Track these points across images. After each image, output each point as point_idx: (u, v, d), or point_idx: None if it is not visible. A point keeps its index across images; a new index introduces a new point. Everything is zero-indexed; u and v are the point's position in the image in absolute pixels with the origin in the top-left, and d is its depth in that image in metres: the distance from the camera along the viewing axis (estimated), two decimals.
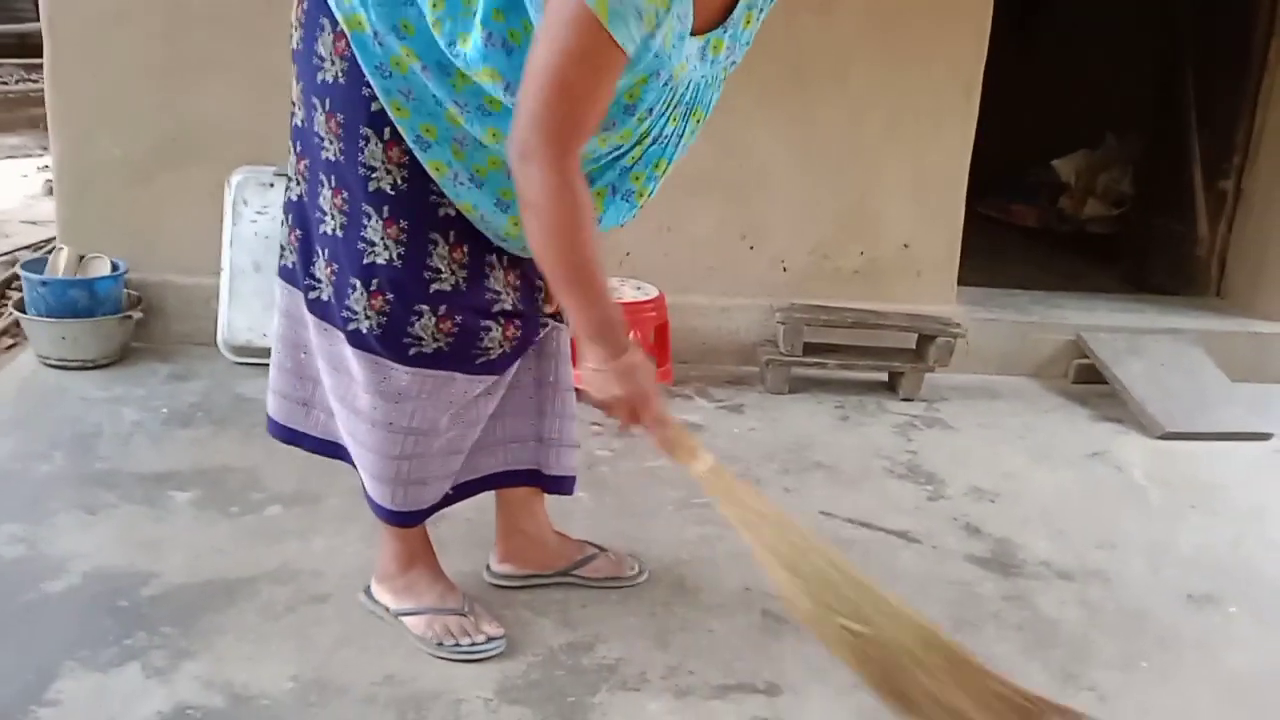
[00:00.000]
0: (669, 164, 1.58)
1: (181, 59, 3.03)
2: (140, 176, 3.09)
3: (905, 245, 3.38)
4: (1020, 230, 5.10)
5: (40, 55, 3.10)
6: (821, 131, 3.27)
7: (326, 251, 1.61)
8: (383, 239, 1.54)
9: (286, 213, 1.69)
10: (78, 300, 2.83)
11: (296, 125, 1.61)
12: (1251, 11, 3.69)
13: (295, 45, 1.58)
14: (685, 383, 3.16)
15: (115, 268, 2.97)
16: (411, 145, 1.49)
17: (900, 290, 3.39)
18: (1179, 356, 3.36)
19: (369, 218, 1.54)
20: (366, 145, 1.50)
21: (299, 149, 1.62)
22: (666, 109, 1.48)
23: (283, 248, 1.71)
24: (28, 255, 4.25)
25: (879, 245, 3.38)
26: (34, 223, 5.05)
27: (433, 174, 1.51)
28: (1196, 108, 3.94)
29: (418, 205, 1.53)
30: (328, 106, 1.53)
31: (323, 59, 1.52)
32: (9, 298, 3.76)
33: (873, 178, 3.33)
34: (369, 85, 1.48)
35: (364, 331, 1.59)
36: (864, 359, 3.21)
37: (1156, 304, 3.77)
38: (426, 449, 1.68)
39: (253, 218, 2.97)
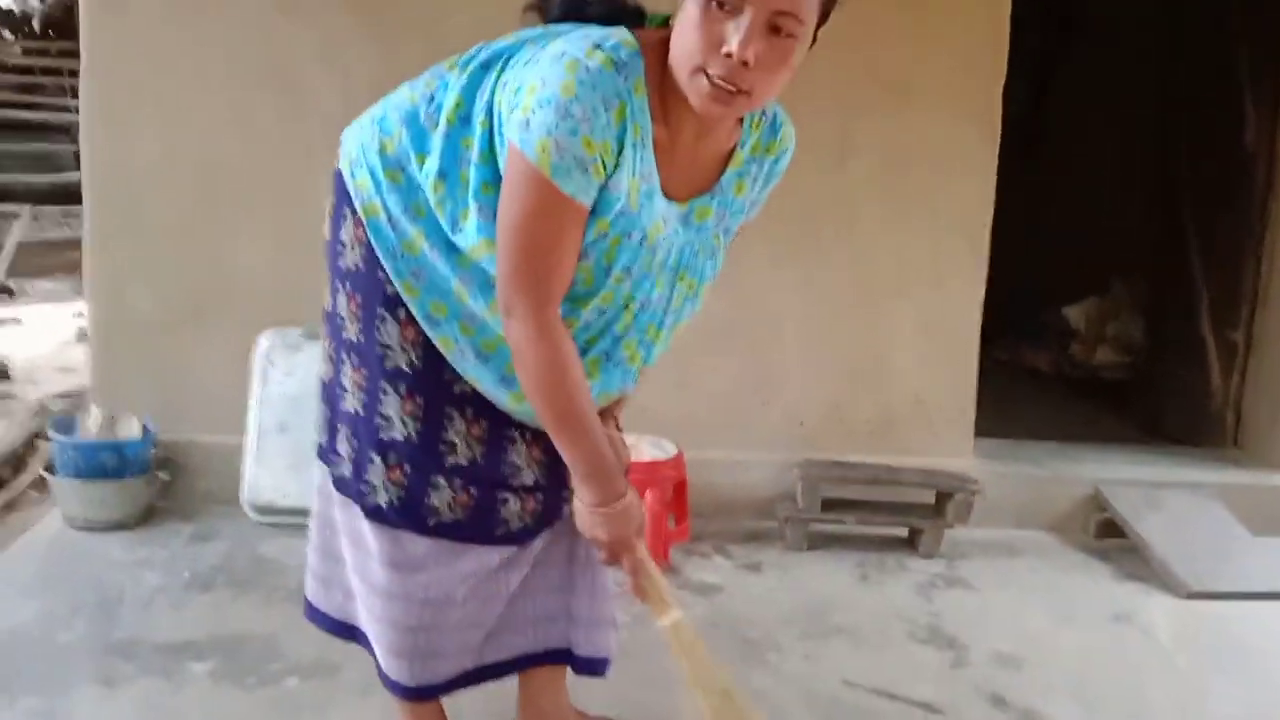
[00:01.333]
0: (660, 330, 1.62)
1: (217, 218, 3.16)
2: (172, 334, 3.18)
3: (918, 399, 3.42)
4: (1032, 374, 5.15)
5: (78, 202, 3.24)
6: (833, 285, 3.35)
7: (347, 428, 1.66)
8: (400, 415, 1.59)
9: (319, 392, 1.75)
10: (106, 462, 2.89)
11: (324, 309, 1.69)
12: (1249, 163, 3.80)
13: (326, 236, 1.66)
14: (703, 539, 3.16)
15: (144, 428, 3.03)
16: (422, 323, 1.55)
17: (916, 443, 3.42)
18: (1200, 511, 3.34)
19: (386, 394, 1.59)
20: (383, 325, 1.57)
21: (327, 330, 1.69)
22: (648, 270, 1.53)
23: (317, 427, 1.76)
24: (57, 404, 4.35)
25: (893, 398, 3.42)
26: (66, 369, 5.18)
27: (442, 350, 1.57)
28: (1200, 257, 4.03)
29: (433, 382, 1.59)
30: (349, 289, 1.60)
31: (345, 245, 1.60)
32: (37, 447, 3.83)
33: (885, 331, 3.39)
34: (384, 269, 1.55)
35: (382, 505, 1.62)
36: (882, 515, 3.21)
37: (1174, 455, 3.78)
38: (442, 621, 1.68)
39: (280, 379, 3.04)
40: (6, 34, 9.15)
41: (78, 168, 3.31)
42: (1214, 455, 3.81)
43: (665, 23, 1.47)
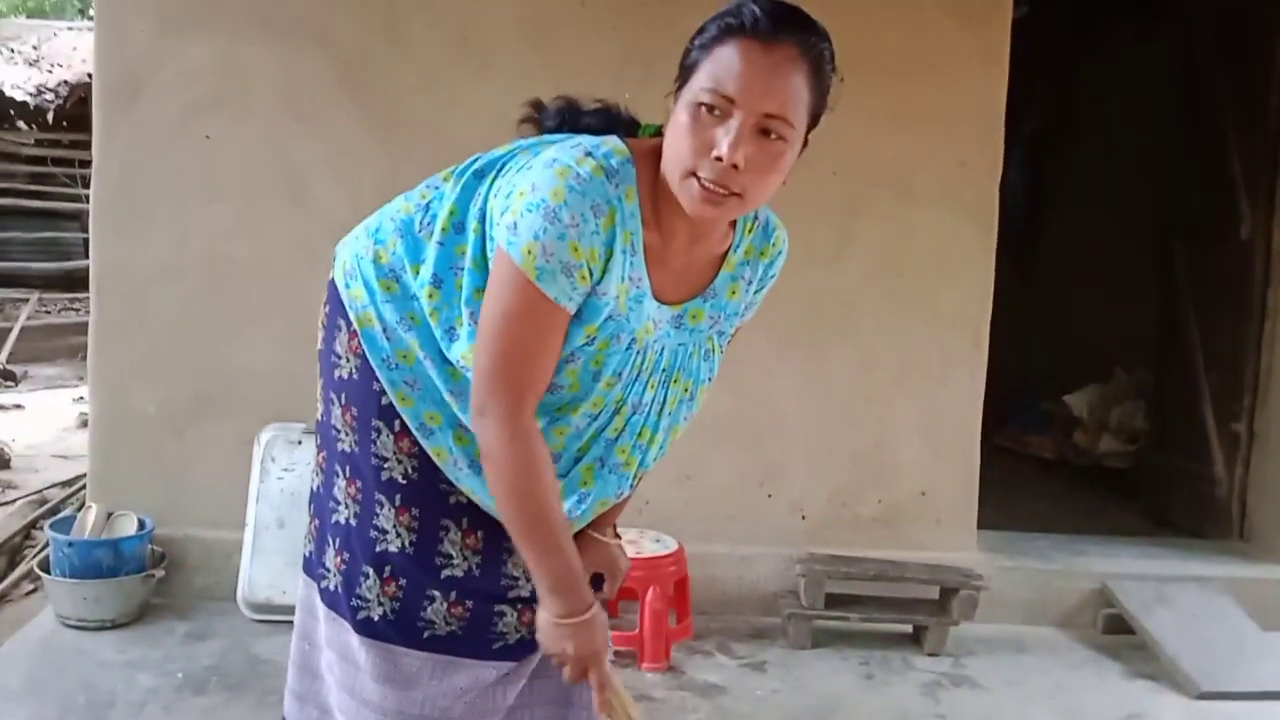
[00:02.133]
0: (654, 433, 1.59)
1: (220, 318, 3.18)
2: (172, 430, 3.18)
3: (922, 493, 3.40)
4: (1036, 461, 5.12)
5: (84, 289, 3.26)
6: (835, 379, 3.36)
7: (338, 541, 1.64)
8: (395, 526, 1.57)
9: (310, 503, 1.73)
10: (102, 560, 2.86)
11: (318, 420, 1.68)
12: (1247, 255, 3.83)
13: (319, 346, 1.67)
14: (705, 636, 3.11)
15: (141, 524, 3.01)
16: (416, 432, 1.54)
17: (919, 537, 3.39)
18: (1208, 606, 3.30)
19: (381, 506, 1.57)
20: (379, 437, 1.56)
21: (319, 442, 1.68)
22: (638, 374, 1.51)
23: (305, 538, 1.74)
24: (56, 493, 4.33)
25: (896, 492, 3.40)
26: (64, 457, 5.17)
27: (436, 460, 1.55)
28: (1202, 348, 4.04)
29: (429, 494, 1.57)
30: (343, 401, 1.60)
31: (339, 356, 1.60)
32: (34, 539, 3.80)
33: (887, 424, 3.39)
34: (379, 380, 1.55)
35: (375, 619, 1.59)
36: (887, 611, 3.16)
37: (1180, 548, 3.74)
38: None
39: (279, 474, 3.03)
40: (21, 125, 9.33)
41: (85, 255, 3.36)
42: (1220, 547, 3.77)
43: (658, 132, 1.49)
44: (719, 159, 1.31)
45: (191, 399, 3.18)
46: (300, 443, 3.04)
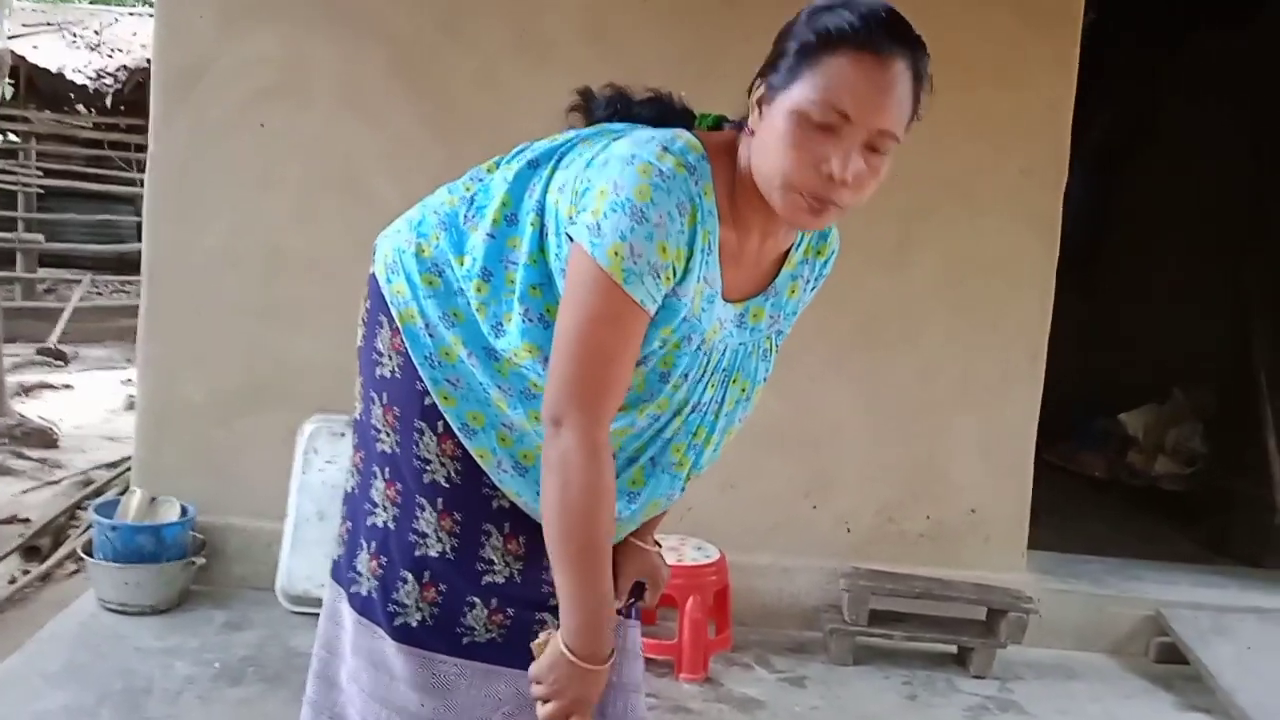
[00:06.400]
0: (710, 434, 1.55)
1: (271, 306, 3.17)
2: (218, 418, 3.18)
3: (972, 510, 3.31)
4: (1088, 480, 5.00)
5: (135, 271, 3.27)
6: (889, 389, 3.29)
7: (374, 544, 1.59)
8: (436, 531, 1.53)
9: (343, 504, 1.69)
10: (144, 546, 2.87)
11: (356, 419, 1.64)
12: None
13: (359, 343, 1.63)
14: (745, 648, 3.05)
15: (184, 511, 3.02)
16: (458, 432, 1.50)
17: (967, 555, 3.30)
18: (1267, 639, 3.18)
19: (423, 509, 1.53)
20: (421, 438, 1.52)
21: (356, 442, 1.64)
22: (703, 374, 1.47)
23: (335, 542, 1.70)
24: (101, 474, 4.37)
25: (946, 508, 3.32)
26: (111, 439, 5.22)
27: (479, 461, 1.50)
28: (1267, 370, 3.92)
29: (471, 497, 1.52)
30: (384, 400, 1.55)
31: (380, 354, 1.56)
32: (79, 519, 3.84)
33: (940, 438, 3.31)
34: (422, 379, 1.51)
35: (414, 625, 1.55)
36: (932, 630, 3.09)
37: (1239, 577, 3.62)
38: None
39: (321, 466, 3.02)
40: (80, 108, 9.48)
41: (138, 239, 3.37)
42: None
43: (717, 124, 1.45)
44: (830, 177, 1.28)
45: (239, 388, 3.18)
46: (344, 435, 3.02)
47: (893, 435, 3.29)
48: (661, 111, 1.49)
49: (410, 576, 1.54)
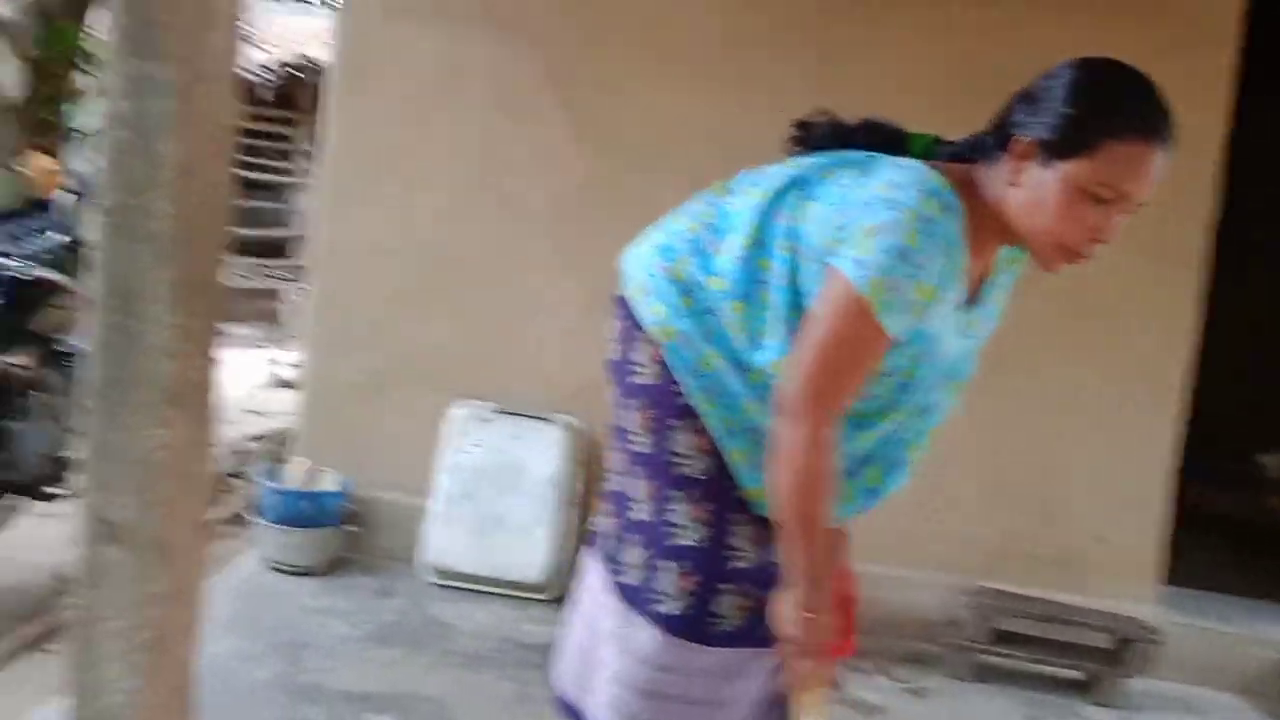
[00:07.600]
0: (929, 433, 1.68)
1: (424, 298, 3.37)
2: (373, 397, 3.38)
3: (1100, 538, 3.29)
4: (1224, 520, 4.85)
5: (273, 256, 3.49)
6: (1025, 410, 3.30)
7: (637, 537, 1.71)
8: (690, 521, 1.64)
9: (606, 500, 1.80)
10: (304, 510, 3.07)
11: (614, 425, 1.77)
12: None
13: (613, 357, 1.76)
14: (866, 656, 3.10)
15: (340, 481, 3.21)
16: (717, 434, 1.62)
17: (1093, 581, 3.28)
18: None
19: (677, 502, 1.65)
20: (675, 434, 1.64)
21: (616, 445, 1.77)
22: (936, 381, 1.60)
23: (602, 532, 1.80)
24: (251, 446, 4.65)
25: (1073, 534, 3.31)
26: (258, 413, 5.54)
27: (733, 460, 1.62)
28: None
29: (720, 488, 1.64)
30: (640, 404, 1.68)
31: (638, 364, 1.69)
32: (230, 486, 4.10)
33: (1071, 462, 3.30)
34: (676, 383, 1.63)
35: (675, 613, 1.65)
36: (1056, 654, 3.08)
37: None
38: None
39: (468, 449, 3.18)
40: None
41: (278, 225, 3.59)
42: None
43: (934, 143, 1.59)
44: (1094, 239, 1.44)
45: (392, 370, 3.38)
46: (489, 421, 3.18)
47: (1024, 456, 3.30)
48: (878, 137, 1.62)
49: (669, 565, 1.64)
